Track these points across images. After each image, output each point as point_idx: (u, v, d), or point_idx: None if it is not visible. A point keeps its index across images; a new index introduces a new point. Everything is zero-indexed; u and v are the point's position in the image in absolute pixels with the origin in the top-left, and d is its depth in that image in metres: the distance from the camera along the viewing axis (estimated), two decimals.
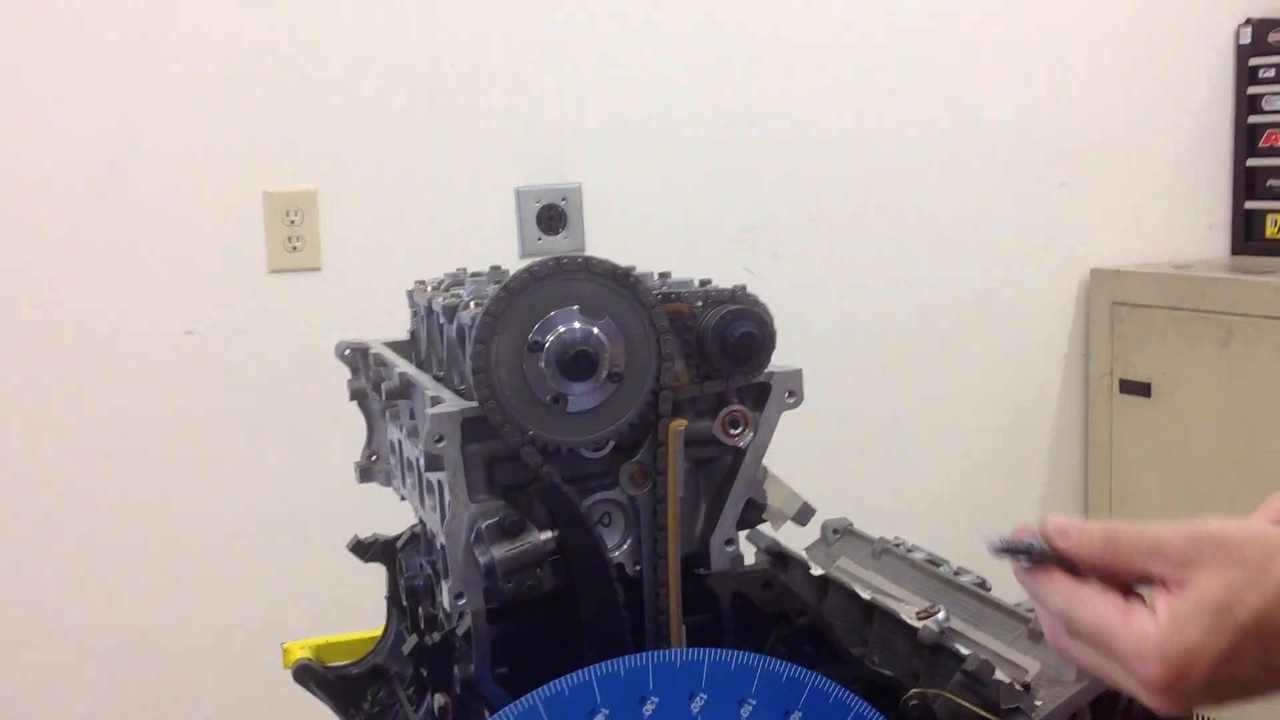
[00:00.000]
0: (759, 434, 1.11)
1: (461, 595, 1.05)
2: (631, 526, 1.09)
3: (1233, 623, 0.74)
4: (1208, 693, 0.75)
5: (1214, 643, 0.74)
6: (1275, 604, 0.74)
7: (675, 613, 1.08)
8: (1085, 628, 0.79)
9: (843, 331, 2.68)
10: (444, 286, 1.35)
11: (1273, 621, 0.74)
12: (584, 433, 1.05)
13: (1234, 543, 0.76)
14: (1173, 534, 0.77)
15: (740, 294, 1.09)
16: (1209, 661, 0.74)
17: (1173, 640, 0.74)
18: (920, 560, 1.39)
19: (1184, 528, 0.77)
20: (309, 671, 1.43)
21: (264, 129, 2.28)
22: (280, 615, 2.14)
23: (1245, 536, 0.76)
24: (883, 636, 1.24)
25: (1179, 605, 0.75)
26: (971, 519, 2.84)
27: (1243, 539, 0.76)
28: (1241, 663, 0.74)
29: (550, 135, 2.46)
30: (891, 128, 2.69)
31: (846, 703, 1.05)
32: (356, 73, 2.33)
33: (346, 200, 2.34)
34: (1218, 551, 0.75)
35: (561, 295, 1.03)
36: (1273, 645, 0.74)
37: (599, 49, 2.47)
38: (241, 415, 2.30)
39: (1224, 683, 0.75)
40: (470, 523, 1.05)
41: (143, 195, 2.22)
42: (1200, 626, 0.74)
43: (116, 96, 2.20)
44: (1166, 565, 0.77)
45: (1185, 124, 2.91)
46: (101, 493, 2.24)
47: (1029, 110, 2.79)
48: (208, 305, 2.27)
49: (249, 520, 2.31)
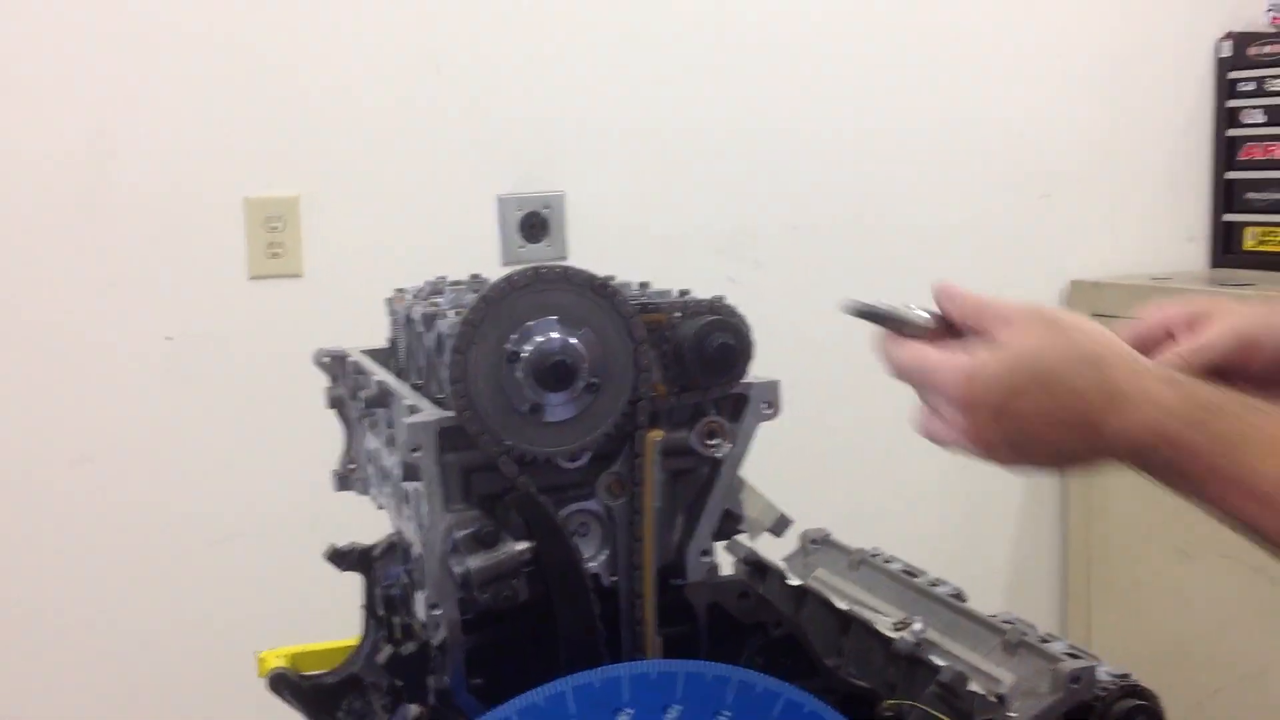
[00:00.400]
0: (736, 445, 1.11)
1: (437, 606, 1.05)
2: (608, 537, 1.09)
3: (1027, 367, 0.92)
4: (996, 420, 0.92)
5: (1008, 377, 0.92)
6: (1065, 366, 0.91)
7: (651, 624, 1.08)
8: (914, 367, 1.00)
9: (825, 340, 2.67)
10: (423, 295, 1.35)
11: (1059, 378, 0.91)
12: (561, 443, 1.05)
13: (1056, 318, 0.94)
14: (1017, 304, 0.96)
15: (718, 305, 1.10)
16: (1000, 390, 0.92)
17: (976, 366, 0.93)
18: (897, 571, 1.39)
19: (1030, 304, 0.96)
20: (284, 680, 1.42)
21: (246, 135, 2.28)
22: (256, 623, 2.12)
23: (1070, 320, 0.94)
24: (859, 647, 1.24)
25: (992, 346, 0.94)
26: (950, 529, 2.85)
27: (1067, 320, 0.94)
28: (1025, 399, 0.91)
29: (533, 143, 2.46)
30: (874, 137, 2.69)
31: (822, 714, 1.05)
32: (339, 79, 2.32)
33: (329, 207, 2.33)
34: (1040, 320, 0.94)
35: (539, 305, 1.03)
36: (1054, 394, 0.91)
37: (584, 56, 2.47)
38: (221, 421, 2.29)
39: (1008, 414, 0.92)
40: (446, 533, 1.04)
41: (123, 200, 2.21)
42: (1002, 363, 0.92)
43: (97, 100, 2.19)
44: (997, 322, 0.95)
45: (1165, 137, 2.92)
46: (78, 498, 2.23)
47: (1010, 121, 2.80)
48: (188, 311, 2.26)
49: (226, 527, 2.30)
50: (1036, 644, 1.17)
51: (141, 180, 2.22)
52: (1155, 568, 2.71)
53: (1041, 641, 1.18)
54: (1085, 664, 1.11)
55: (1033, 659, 1.16)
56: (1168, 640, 2.68)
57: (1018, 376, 0.92)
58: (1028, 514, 2.92)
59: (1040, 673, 1.13)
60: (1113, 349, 0.93)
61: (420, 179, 2.39)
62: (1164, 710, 1.12)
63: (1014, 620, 1.22)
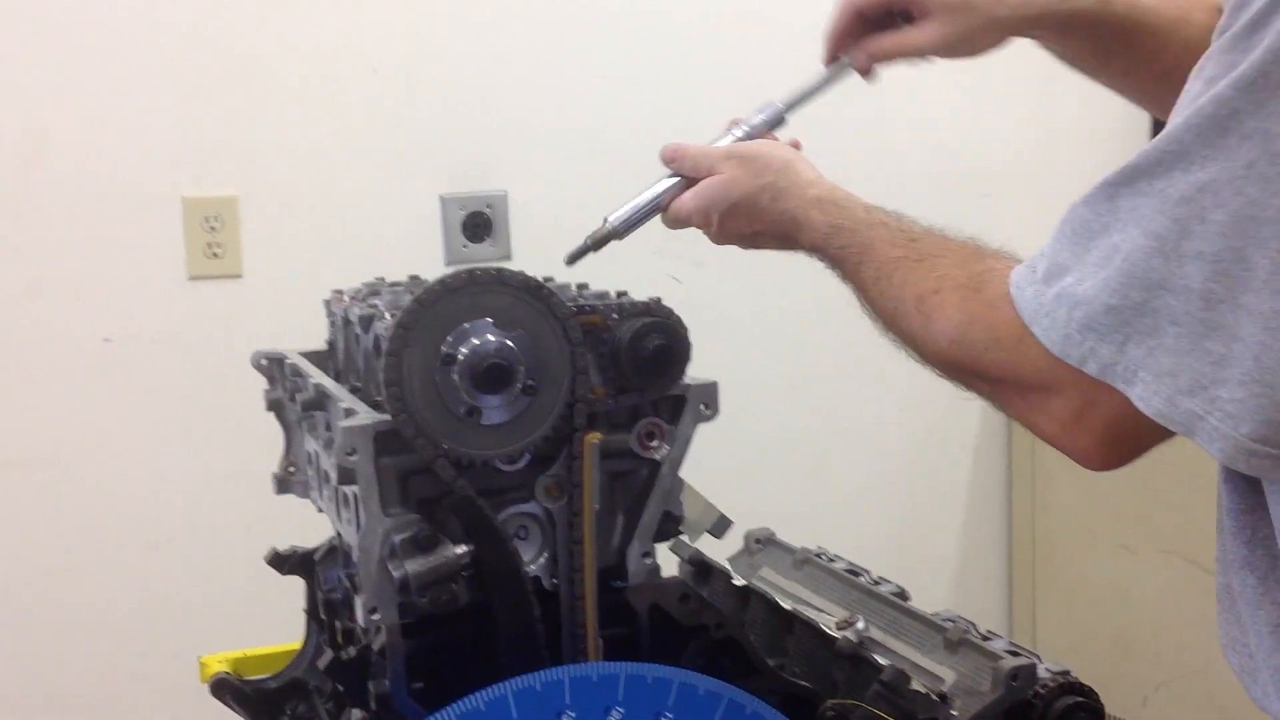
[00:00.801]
0: (675, 447, 1.11)
1: (376, 610, 1.04)
2: (548, 540, 1.09)
3: (726, 196, 1.22)
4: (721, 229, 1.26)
5: (719, 202, 1.23)
6: (752, 197, 1.21)
7: (592, 626, 1.08)
8: None
9: (768, 339, 2.68)
10: (361, 296, 1.34)
11: (752, 202, 1.21)
12: (498, 446, 1.04)
13: (749, 154, 1.23)
14: (723, 148, 1.26)
15: (655, 306, 1.10)
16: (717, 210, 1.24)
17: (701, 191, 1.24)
18: (841, 570, 1.39)
19: (735, 146, 1.27)
20: (226, 685, 1.41)
21: (183, 133, 2.25)
22: (197, 628, 2.11)
23: (756, 150, 1.24)
24: (803, 647, 1.24)
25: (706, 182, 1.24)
26: (895, 527, 2.86)
27: (754, 152, 1.24)
28: (732, 220, 1.23)
29: (475, 142, 2.45)
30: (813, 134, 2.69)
31: (764, 715, 1.06)
32: (279, 78, 2.30)
33: (268, 206, 2.31)
34: (739, 158, 1.23)
35: (475, 307, 1.03)
36: (750, 218, 1.22)
37: (526, 56, 2.46)
38: (159, 423, 2.26)
39: (726, 228, 1.25)
40: (384, 536, 1.04)
41: (58, 198, 2.18)
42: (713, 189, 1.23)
43: (30, 96, 2.16)
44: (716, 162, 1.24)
45: (1103, 136, 2.94)
46: (13, 502, 2.20)
47: (950, 121, 2.81)
48: (126, 312, 2.23)
49: (165, 531, 2.27)
50: (978, 642, 1.17)
51: (77, 178, 2.19)
52: (1099, 563, 2.74)
53: (983, 639, 1.18)
54: (1025, 661, 1.11)
55: (974, 657, 1.16)
56: (1112, 635, 2.71)
57: (721, 203, 1.23)
58: (972, 510, 2.93)
59: (981, 670, 1.13)
60: (789, 178, 1.20)
61: (361, 179, 2.37)
62: (1104, 706, 1.13)
63: (955, 619, 1.23)
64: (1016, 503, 2.92)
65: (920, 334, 1.02)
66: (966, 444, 2.91)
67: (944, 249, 1.05)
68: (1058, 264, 0.91)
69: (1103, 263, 0.86)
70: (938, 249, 1.05)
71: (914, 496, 2.89)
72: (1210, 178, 0.81)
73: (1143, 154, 0.86)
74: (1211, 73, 0.83)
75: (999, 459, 2.92)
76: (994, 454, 2.92)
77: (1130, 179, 0.87)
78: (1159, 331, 0.83)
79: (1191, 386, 0.82)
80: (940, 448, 2.89)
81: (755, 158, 1.22)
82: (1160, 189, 0.84)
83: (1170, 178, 0.84)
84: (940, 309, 0.99)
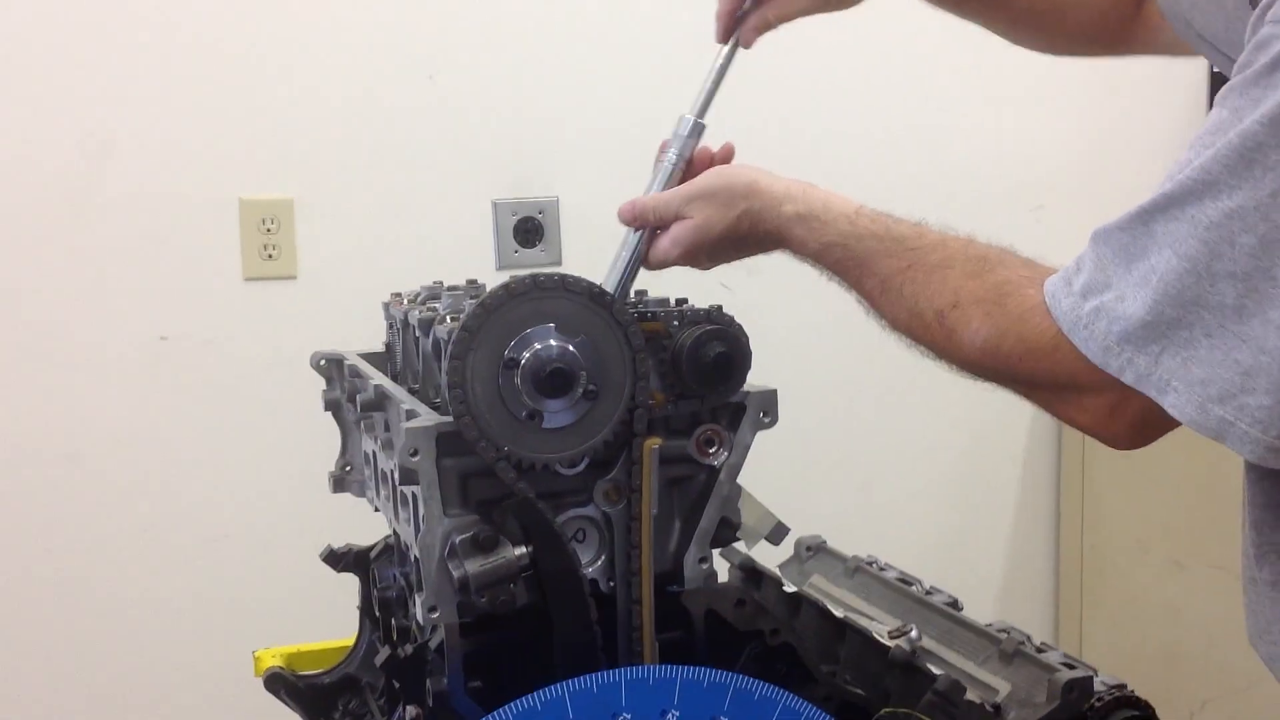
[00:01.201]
0: (733, 453, 1.11)
1: (435, 609, 1.05)
2: (605, 543, 1.10)
3: (706, 238, 1.19)
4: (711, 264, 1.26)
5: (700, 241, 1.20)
6: (732, 224, 1.18)
7: (648, 629, 1.08)
8: None
9: (819, 348, 2.68)
10: (420, 299, 1.35)
11: (732, 233, 1.19)
12: (559, 449, 1.05)
13: (710, 189, 1.20)
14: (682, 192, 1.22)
15: (716, 314, 1.10)
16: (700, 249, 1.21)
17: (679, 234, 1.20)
18: (892, 579, 1.40)
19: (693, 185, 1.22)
20: (280, 680, 1.43)
21: (241, 136, 2.27)
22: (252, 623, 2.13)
23: (715, 184, 1.20)
24: (855, 655, 1.24)
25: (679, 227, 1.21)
26: (943, 538, 2.85)
27: (714, 186, 1.20)
28: (720, 255, 1.23)
29: (528, 148, 2.46)
30: (868, 147, 2.70)
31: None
32: (335, 82, 2.32)
33: (323, 209, 2.33)
34: (702, 197, 1.20)
35: (538, 313, 1.04)
36: (738, 247, 1.22)
37: (579, 62, 2.47)
38: (215, 421, 2.29)
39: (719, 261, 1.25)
40: (444, 537, 1.05)
41: (119, 199, 2.21)
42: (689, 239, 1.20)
43: (94, 101, 2.19)
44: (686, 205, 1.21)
45: (1158, 150, 2.92)
46: (72, 496, 2.23)
47: (1003, 133, 2.80)
48: (182, 311, 2.26)
49: (221, 527, 2.30)
50: (1032, 653, 1.17)
51: (137, 180, 2.22)
52: (1147, 579, 2.72)
53: (1037, 651, 1.18)
54: (1081, 673, 1.11)
55: (1029, 668, 1.16)
56: (1158, 651, 2.69)
57: (703, 245, 1.21)
58: (1020, 524, 2.92)
59: (1036, 682, 1.13)
60: (760, 199, 1.19)
61: (415, 183, 2.39)
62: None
63: (1010, 629, 1.23)
64: (1064, 515, 2.90)
65: (945, 344, 1.07)
66: (1015, 456, 2.90)
67: (947, 258, 1.09)
68: (1097, 281, 0.96)
69: (1142, 283, 0.93)
70: (940, 258, 1.09)
71: (962, 508, 2.88)
72: (1238, 205, 0.89)
73: (1176, 183, 0.93)
74: (1236, 104, 0.90)
75: (1048, 471, 2.91)
76: (1043, 466, 2.90)
77: (1164, 207, 0.93)
78: (1193, 344, 0.91)
79: (1222, 395, 0.90)
80: (989, 459, 2.88)
81: (718, 191, 1.21)
82: (1192, 215, 0.91)
83: (1201, 205, 0.90)
84: (964, 323, 1.04)
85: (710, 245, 1.21)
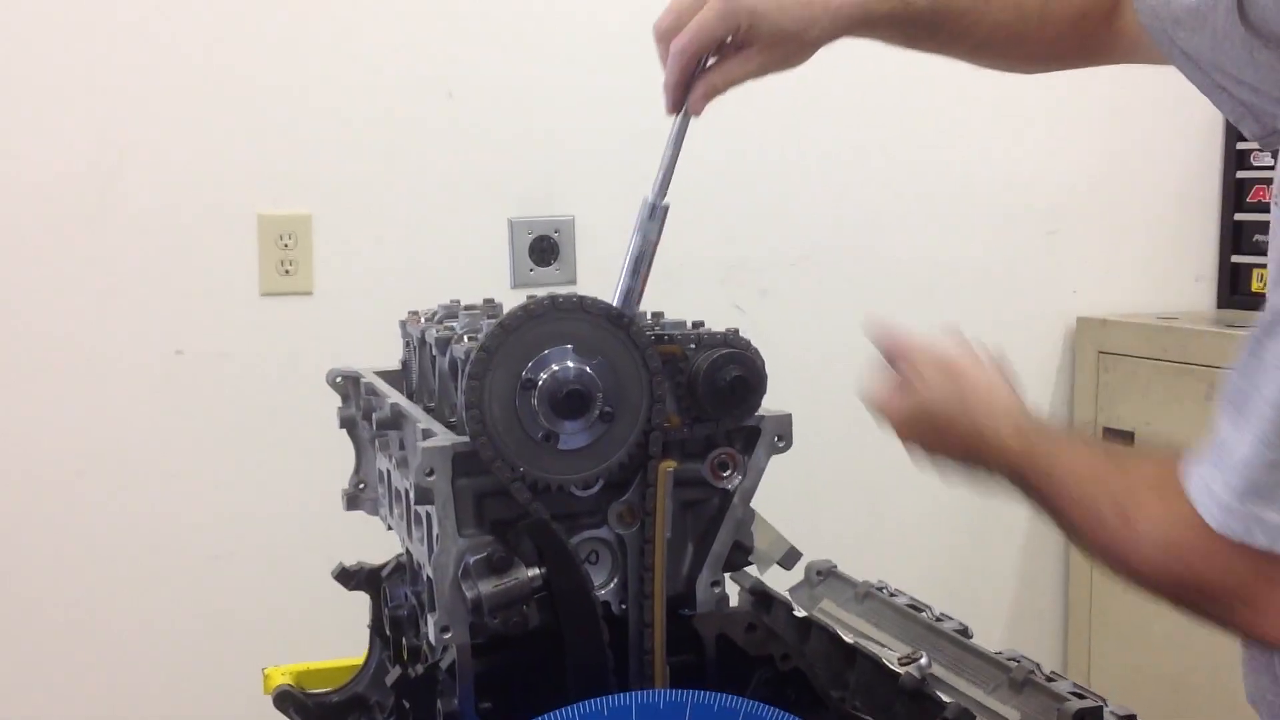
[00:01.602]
0: (747, 477, 1.11)
1: (447, 629, 1.06)
2: (618, 565, 1.10)
3: (926, 416, 1.22)
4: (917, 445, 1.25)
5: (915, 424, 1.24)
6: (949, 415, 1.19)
7: (660, 653, 1.08)
8: None
9: (829, 371, 2.68)
10: (437, 318, 1.36)
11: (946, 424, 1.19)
12: (574, 471, 1.06)
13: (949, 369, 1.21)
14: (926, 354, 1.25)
15: (733, 338, 1.10)
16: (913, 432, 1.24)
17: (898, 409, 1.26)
18: (903, 605, 1.39)
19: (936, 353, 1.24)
20: (289, 698, 1.42)
21: (259, 152, 2.29)
22: (262, 640, 2.13)
23: (959, 370, 1.21)
24: (864, 681, 1.24)
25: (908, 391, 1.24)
26: (950, 564, 2.84)
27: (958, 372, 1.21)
28: (928, 438, 1.23)
29: (545, 166, 2.47)
30: (880, 172, 2.70)
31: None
32: (353, 99, 2.34)
33: (340, 226, 2.34)
34: (937, 369, 1.23)
35: (555, 334, 1.04)
36: (944, 436, 1.20)
37: (595, 82, 2.48)
38: (229, 436, 2.30)
39: (922, 444, 1.24)
40: (458, 557, 1.05)
41: (136, 213, 2.22)
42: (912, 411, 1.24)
43: (111, 115, 2.21)
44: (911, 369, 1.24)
45: (1174, 177, 2.93)
46: (83, 509, 2.24)
47: (1017, 157, 2.81)
48: (198, 325, 2.27)
49: (232, 543, 2.31)
50: (1042, 682, 1.17)
51: (155, 194, 2.23)
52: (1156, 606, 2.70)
53: (1047, 680, 1.18)
54: (1091, 704, 1.11)
55: (1038, 697, 1.16)
56: (1168, 678, 2.68)
57: (922, 424, 1.23)
58: (1030, 549, 2.91)
59: (1046, 711, 1.13)
60: (979, 396, 1.18)
61: (432, 201, 2.40)
62: None
63: (1019, 658, 1.22)
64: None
65: None
66: None
67: None
68: (1211, 442, 0.89)
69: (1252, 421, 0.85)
70: None
71: (971, 535, 2.87)
72: None
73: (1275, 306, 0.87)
74: None
75: None
76: None
77: (1269, 328, 0.88)
78: None
79: None
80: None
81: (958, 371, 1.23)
82: None
83: None
84: None
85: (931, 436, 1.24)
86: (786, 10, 1.17)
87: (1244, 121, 1.11)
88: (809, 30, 1.19)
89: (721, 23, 1.18)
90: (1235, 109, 1.11)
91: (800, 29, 1.19)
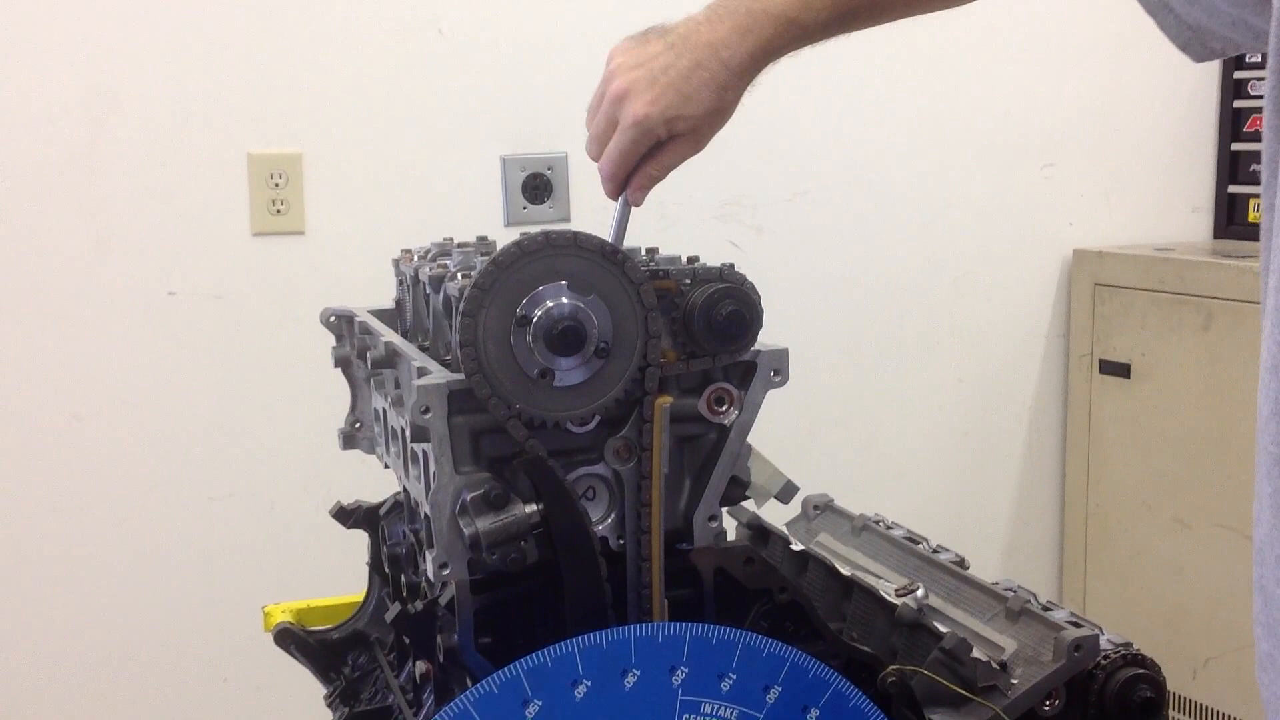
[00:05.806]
0: (744, 412, 1.11)
1: (446, 566, 1.06)
2: (615, 501, 1.10)
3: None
4: None
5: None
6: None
7: (658, 587, 1.09)
8: None
9: (825, 307, 2.68)
10: (430, 256, 1.35)
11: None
12: (570, 407, 1.06)
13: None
14: None
15: (728, 273, 1.10)
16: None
17: None
18: (899, 538, 1.40)
19: None
20: (290, 635, 1.44)
21: (248, 91, 2.27)
22: (261, 579, 2.14)
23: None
24: (862, 613, 1.25)
25: None
26: (947, 496, 2.86)
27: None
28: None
29: (537, 103, 2.45)
30: (876, 107, 2.69)
31: (825, 679, 1.07)
32: (342, 36, 2.31)
33: (331, 164, 2.33)
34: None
35: (550, 270, 1.04)
36: None
37: (587, 18, 2.45)
38: (223, 377, 2.29)
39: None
40: (455, 494, 1.05)
41: (126, 153, 2.20)
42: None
43: (100, 55, 2.18)
44: None
45: (1170, 107, 2.92)
46: (79, 453, 2.24)
47: (1013, 91, 2.79)
48: (190, 266, 2.26)
49: (230, 484, 2.31)
50: (1039, 612, 1.18)
51: (145, 134, 2.21)
52: (1151, 537, 2.73)
53: (1044, 609, 1.19)
54: (1088, 632, 1.12)
55: (1035, 627, 1.17)
56: (1162, 609, 2.70)
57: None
58: (1025, 482, 2.93)
59: (1043, 641, 1.14)
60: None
61: (423, 139, 2.38)
62: (1165, 679, 1.13)
63: (1016, 588, 1.23)
64: (1070, 475, 2.91)
65: None
66: (1021, 416, 2.90)
67: None
68: None
69: None
70: None
71: (967, 467, 2.88)
72: None
73: None
74: None
75: (1053, 431, 2.91)
76: (1048, 426, 2.91)
77: None
78: None
79: None
80: (995, 418, 2.88)
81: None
82: None
83: None
84: None
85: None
86: (694, 99, 1.16)
87: (1190, 47, 1.10)
88: (723, 99, 1.19)
89: (637, 146, 1.17)
90: (1181, 33, 1.09)
91: (714, 107, 1.18)
